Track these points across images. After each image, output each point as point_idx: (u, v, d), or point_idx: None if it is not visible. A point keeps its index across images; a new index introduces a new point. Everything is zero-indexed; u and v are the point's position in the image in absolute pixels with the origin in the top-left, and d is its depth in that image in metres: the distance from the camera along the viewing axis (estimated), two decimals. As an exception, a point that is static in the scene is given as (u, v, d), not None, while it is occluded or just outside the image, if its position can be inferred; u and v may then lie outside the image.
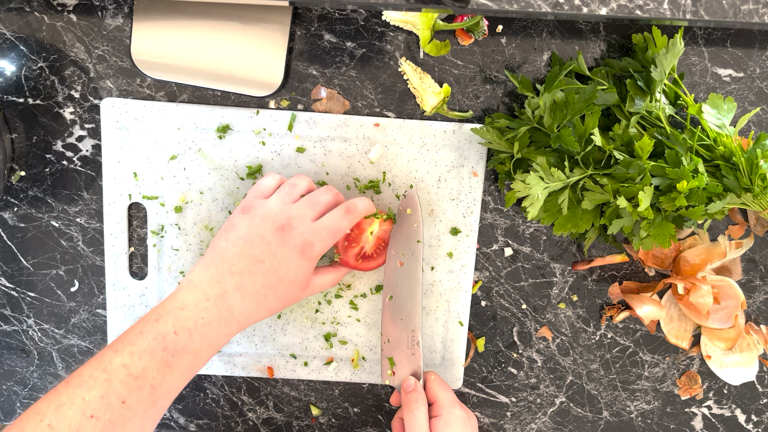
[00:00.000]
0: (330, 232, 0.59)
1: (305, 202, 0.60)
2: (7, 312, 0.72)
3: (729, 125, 0.62)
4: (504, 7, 0.58)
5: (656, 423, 0.75)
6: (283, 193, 0.60)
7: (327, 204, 0.61)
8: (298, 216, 0.58)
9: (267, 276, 0.57)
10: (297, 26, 0.66)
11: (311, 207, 0.59)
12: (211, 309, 0.56)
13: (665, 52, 0.61)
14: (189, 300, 0.56)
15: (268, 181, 0.62)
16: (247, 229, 0.58)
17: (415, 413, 0.63)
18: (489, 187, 0.70)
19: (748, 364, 0.72)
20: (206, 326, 0.55)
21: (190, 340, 0.55)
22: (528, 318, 0.73)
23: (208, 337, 0.56)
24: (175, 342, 0.54)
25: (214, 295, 0.56)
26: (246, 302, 0.57)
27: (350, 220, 0.61)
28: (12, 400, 0.74)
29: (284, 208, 0.59)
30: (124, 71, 0.67)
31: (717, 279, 0.70)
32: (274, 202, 0.59)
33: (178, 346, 0.54)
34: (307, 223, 0.58)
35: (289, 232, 0.57)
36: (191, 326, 0.55)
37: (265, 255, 0.57)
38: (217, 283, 0.56)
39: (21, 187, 0.69)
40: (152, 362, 0.53)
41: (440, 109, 0.64)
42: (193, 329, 0.55)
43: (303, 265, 0.58)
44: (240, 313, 0.57)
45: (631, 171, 0.60)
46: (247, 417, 0.75)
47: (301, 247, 0.58)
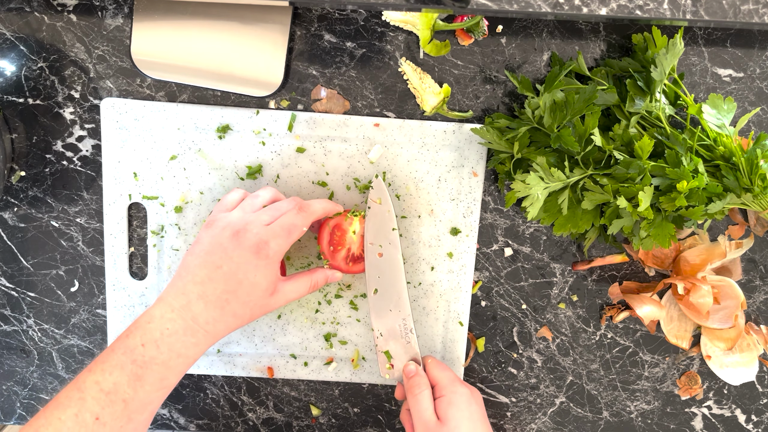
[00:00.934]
0: (284, 229, 0.59)
1: (265, 210, 0.60)
2: (7, 312, 0.72)
3: (729, 125, 0.62)
4: (504, 7, 0.58)
5: (656, 423, 0.75)
6: (245, 204, 0.61)
7: (286, 209, 0.61)
8: (254, 220, 0.59)
9: (226, 280, 0.57)
10: (297, 26, 0.66)
11: (269, 213, 0.60)
12: (176, 319, 0.56)
13: (665, 52, 0.61)
14: (155, 313, 0.57)
15: (232, 196, 0.63)
16: (209, 240, 0.59)
17: (419, 397, 0.63)
18: (489, 187, 0.70)
19: (748, 364, 0.72)
20: (172, 336, 0.56)
21: (158, 351, 0.56)
22: (528, 318, 0.73)
23: (176, 347, 0.56)
24: (143, 354, 0.55)
25: (179, 305, 0.57)
26: (209, 309, 0.57)
27: (304, 217, 0.60)
28: (12, 400, 0.74)
29: (243, 216, 0.60)
30: (124, 71, 0.67)
31: (717, 279, 0.70)
32: (236, 213, 0.60)
33: (146, 357, 0.55)
34: (261, 225, 0.59)
35: (244, 235, 0.58)
36: (158, 337, 0.56)
37: (223, 260, 0.57)
38: (182, 294, 0.57)
39: (21, 187, 0.69)
40: (122, 376, 0.54)
41: (440, 109, 0.64)
42: (160, 340, 0.56)
43: (261, 266, 0.58)
44: (205, 320, 0.57)
45: (631, 171, 0.60)
46: (247, 417, 0.75)
47: (255, 248, 0.58)
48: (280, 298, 0.61)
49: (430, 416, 0.62)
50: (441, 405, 0.63)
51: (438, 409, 0.63)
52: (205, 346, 0.58)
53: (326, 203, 0.64)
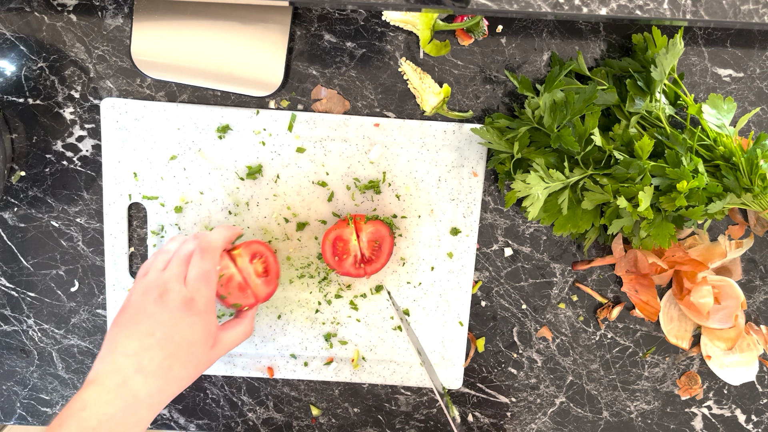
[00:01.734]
0: (202, 280, 0.57)
1: (174, 262, 0.58)
2: (7, 312, 0.72)
3: (729, 125, 0.62)
4: (504, 7, 0.58)
5: (656, 423, 0.75)
6: (157, 262, 0.59)
7: (192, 253, 0.59)
8: (171, 278, 0.57)
9: (163, 346, 0.54)
10: (297, 26, 0.66)
11: (180, 264, 0.58)
12: (112, 401, 0.52)
13: (665, 52, 0.61)
14: (90, 398, 0.52)
15: (149, 260, 0.61)
16: (133, 308, 0.56)
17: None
18: (489, 187, 0.70)
19: (748, 364, 0.72)
20: (111, 421, 0.51)
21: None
22: (528, 318, 0.73)
23: (116, 430, 0.51)
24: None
25: (114, 385, 0.52)
26: (151, 380, 0.53)
27: (210, 258, 0.58)
28: (12, 400, 0.74)
29: (160, 276, 0.57)
30: (124, 71, 0.67)
31: (717, 279, 0.70)
32: (151, 274, 0.58)
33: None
34: (179, 281, 0.57)
35: (167, 296, 0.56)
36: (95, 425, 0.50)
37: (154, 327, 0.55)
38: (115, 372, 0.53)
39: (21, 187, 0.69)
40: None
41: (440, 109, 0.64)
42: (97, 427, 0.50)
43: (195, 322, 0.56)
44: (147, 394, 0.53)
45: (631, 171, 0.60)
46: (247, 417, 0.75)
47: (183, 306, 0.56)
48: (221, 349, 0.59)
49: None
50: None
51: None
52: (149, 421, 0.54)
53: (222, 231, 0.61)
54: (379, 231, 0.66)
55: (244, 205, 0.69)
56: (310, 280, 0.71)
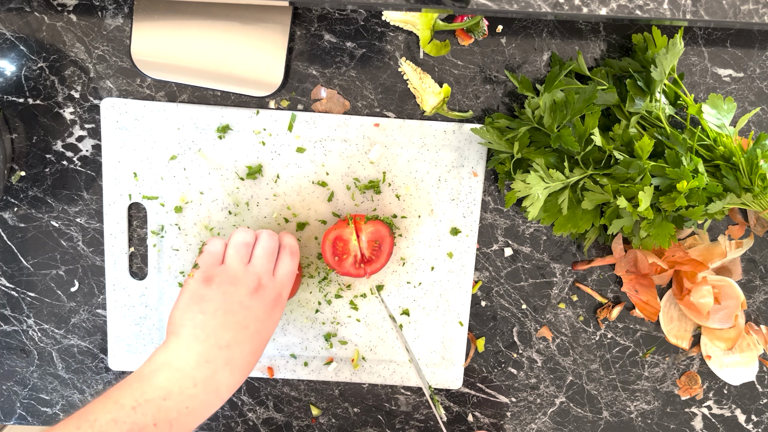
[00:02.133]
0: (290, 278, 0.61)
1: (263, 257, 0.59)
2: (7, 312, 0.72)
3: (729, 125, 0.62)
4: (504, 7, 0.58)
5: (656, 423, 0.75)
6: (238, 256, 0.59)
7: (276, 249, 0.62)
8: (264, 273, 0.59)
9: (252, 340, 0.56)
10: (297, 26, 0.66)
11: (269, 259, 0.60)
12: (198, 395, 0.51)
13: (665, 52, 0.61)
14: (173, 388, 0.51)
15: (215, 246, 0.60)
16: (222, 297, 0.56)
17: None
18: (489, 187, 0.70)
19: (748, 364, 0.72)
20: (190, 415, 0.51)
21: (170, 430, 0.50)
22: (528, 318, 0.73)
23: (188, 425, 0.51)
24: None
25: (203, 377, 0.52)
26: (234, 375, 0.54)
27: (296, 260, 0.62)
28: (12, 400, 0.74)
29: (249, 269, 0.58)
30: (124, 71, 0.67)
31: (717, 279, 0.70)
32: (235, 266, 0.58)
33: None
34: (272, 277, 0.59)
35: (263, 291, 0.57)
36: (173, 417, 0.50)
37: (249, 320, 0.56)
38: (206, 362, 0.52)
39: (21, 187, 0.69)
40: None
41: (440, 109, 0.64)
42: (175, 420, 0.50)
43: (277, 318, 0.60)
44: (227, 389, 0.54)
45: (631, 171, 0.60)
46: (247, 417, 0.75)
47: (274, 302, 0.59)
48: None
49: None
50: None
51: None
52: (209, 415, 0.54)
53: (291, 239, 0.63)
54: (379, 231, 0.66)
55: (244, 205, 0.69)
56: (310, 280, 0.71)
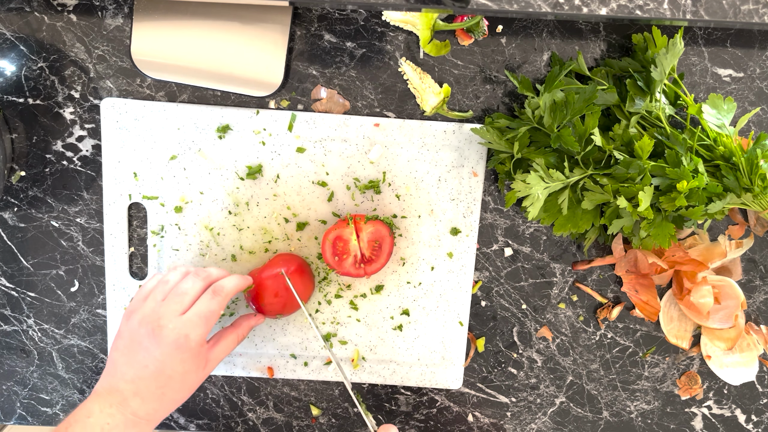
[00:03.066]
0: (201, 318, 0.59)
1: (172, 297, 0.60)
2: (7, 312, 0.72)
3: (729, 125, 0.62)
4: (504, 7, 0.58)
5: (656, 423, 0.75)
6: (156, 292, 0.61)
7: (195, 292, 0.61)
8: (167, 314, 0.59)
9: (156, 378, 0.58)
10: (297, 26, 0.66)
11: (178, 301, 0.60)
12: (115, 414, 0.57)
13: (665, 52, 0.61)
14: (94, 408, 0.57)
15: (150, 284, 0.62)
16: (128, 335, 0.59)
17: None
18: (489, 187, 0.70)
19: (748, 364, 0.72)
20: (114, 430, 0.56)
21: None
22: (528, 318, 0.73)
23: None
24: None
25: (116, 402, 0.57)
26: (147, 403, 0.58)
27: (219, 302, 0.61)
28: (12, 400, 0.74)
29: (155, 308, 0.59)
30: (124, 71, 0.67)
31: (717, 279, 0.70)
32: (149, 304, 0.60)
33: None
34: (175, 318, 0.59)
35: (161, 332, 0.58)
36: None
37: (147, 359, 0.58)
38: (116, 391, 0.58)
39: (21, 187, 0.69)
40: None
41: (440, 109, 0.64)
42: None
43: (186, 358, 0.58)
44: (145, 413, 0.58)
45: (631, 171, 0.60)
46: (247, 417, 0.75)
47: (175, 344, 0.58)
48: (212, 365, 0.62)
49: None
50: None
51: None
52: (150, 430, 0.59)
53: (237, 280, 0.63)
54: (379, 231, 0.66)
55: (244, 205, 0.69)
56: (310, 280, 0.71)
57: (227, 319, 0.71)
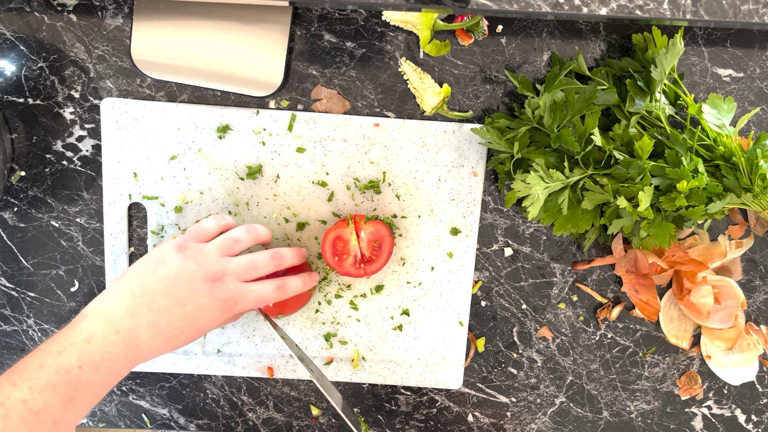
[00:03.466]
0: (257, 299, 0.59)
1: (244, 264, 0.59)
2: (7, 312, 0.72)
3: (729, 125, 0.62)
4: (504, 7, 0.58)
5: (656, 423, 0.75)
6: (223, 245, 0.59)
7: (264, 271, 0.61)
8: (232, 272, 0.58)
9: (185, 319, 0.56)
10: (297, 26, 0.66)
11: (248, 270, 0.59)
12: (119, 343, 0.54)
13: (665, 52, 0.61)
14: (97, 331, 0.54)
15: (210, 224, 0.61)
16: (178, 269, 0.56)
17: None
18: (489, 187, 0.70)
19: (748, 364, 0.72)
20: (113, 359, 0.53)
21: (96, 374, 0.53)
22: (528, 318, 0.73)
23: (114, 370, 0.54)
24: (79, 377, 0.52)
25: (125, 328, 0.54)
26: (156, 339, 0.55)
27: (278, 297, 0.61)
28: (12, 400, 0.74)
29: (221, 261, 0.58)
30: (124, 71, 0.67)
31: (717, 279, 0.70)
32: (213, 251, 0.58)
33: (82, 380, 0.52)
34: (238, 282, 0.58)
35: (219, 286, 0.57)
36: (97, 360, 0.53)
37: (189, 299, 0.56)
38: (131, 316, 0.55)
39: (21, 187, 0.69)
40: (54, 397, 0.51)
41: (440, 109, 0.64)
42: (99, 363, 0.53)
43: (221, 318, 0.58)
44: (148, 348, 0.55)
45: (631, 171, 0.60)
46: (247, 417, 0.75)
47: (225, 302, 0.57)
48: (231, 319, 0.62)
49: None
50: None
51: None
52: (135, 366, 0.57)
53: (301, 282, 0.63)
54: (379, 231, 0.66)
55: (244, 205, 0.69)
56: (310, 280, 0.71)
57: None
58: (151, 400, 0.74)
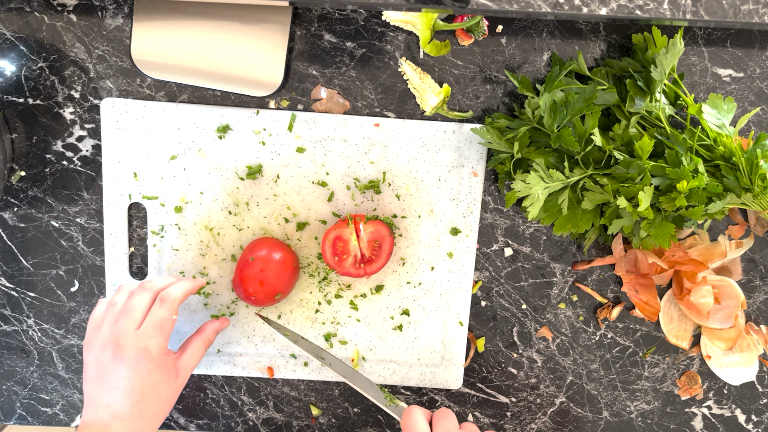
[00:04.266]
0: (155, 328, 0.61)
1: (124, 316, 0.61)
2: (7, 312, 0.72)
3: (729, 125, 0.62)
4: (504, 7, 0.58)
5: (656, 423, 0.75)
6: (108, 316, 0.62)
7: (145, 305, 0.62)
8: (123, 332, 0.60)
9: (129, 396, 0.59)
10: (297, 26, 0.66)
11: (130, 317, 0.61)
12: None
13: (665, 52, 0.61)
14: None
15: (99, 310, 0.64)
16: (94, 363, 0.61)
17: (413, 412, 0.62)
18: (489, 187, 0.70)
19: (748, 364, 0.72)
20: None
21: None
22: (528, 318, 0.73)
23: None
24: None
25: (98, 429, 0.58)
26: (128, 423, 0.59)
27: (169, 308, 0.62)
28: (12, 400, 0.74)
29: (111, 331, 0.61)
30: (124, 71, 0.67)
31: (717, 279, 0.70)
32: (104, 329, 0.62)
33: None
34: (132, 334, 0.60)
35: (121, 352, 0.60)
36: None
37: (116, 381, 0.59)
38: (96, 420, 0.59)
39: (21, 187, 0.69)
40: None
41: (440, 109, 0.64)
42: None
43: (152, 369, 0.60)
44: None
45: (631, 171, 0.60)
46: (247, 417, 0.75)
47: (137, 358, 0.60)
48: (184, 375, 0.64)
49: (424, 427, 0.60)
50: (436, 417, 0.61)
51: (433, 422, 0.61)
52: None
53: (185, 285, 0.64)
54: (379, 231, 0.66)
55: (244, 205, 0.69)
56: (310, 280, 0.71)
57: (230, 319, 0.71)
58: (151, 400, 0.74)
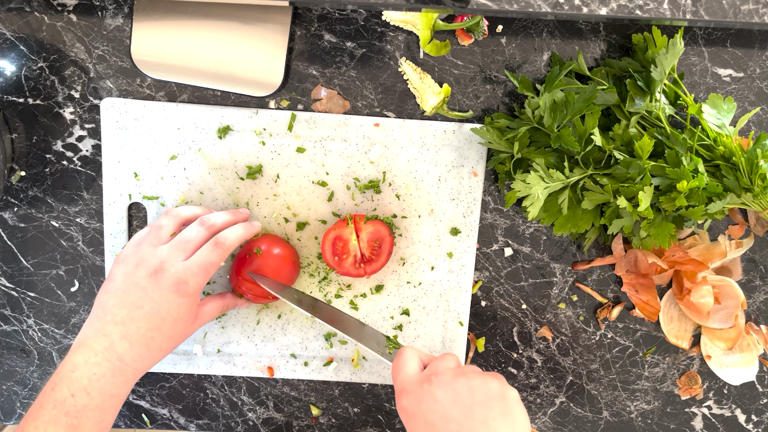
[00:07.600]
0: (201, 268, 0.60)
1: (174, 244, 0.60)
2: (7, 312, 0.72)
3: (729, 125, 0.62)
4: (504, 7, 0.58)
5: (656, 423, 0.75)
6: (151, 238, 0.61)
7: (198, 240, 0.61)
8: (168, 258, 0.59)
9: (149, 319, 0.58)
10: (297, 26, 0.66)
11: (180, 247, 0.60)
12: (101, 362, 0.57)
13: (665, 52, 0.61)
14: (78, 360, 0.57)
15: (144, 231, 0.63)
16: (123, 278, 0.59)
17: (405, 352, 0.60)
18: (489, 187, 0.70)
19: (748, 364, 0.72)
20: (101, 380, 0.56)
21: (89, 397, 0.56)
22: (528, 318, 0.73)
23: (107, 389, 0.57)
24: (74, 404, 0.55)
25: (102, 348, 0.57)
26: (135, 348, 0.58)
27: (220, 254, 0.61)
28: (12, 400, 0.74)
29: (155, 252, 0.60)
30: (124, 71, 0.67)
31: (717, 279, 0.70)
32: (145, 248, 0.60)
33: (78, 407, 0.55)
34: (177, 263, 0.59)
35: (162, 275, 0.58)
36: (86, 384, 0.56)
37: (143, 300, 0.58)
38: (103, 335, 0.57)
39: (21, 187, 0.69)
40: (58, 429, 0.55)
41: (440, 109, 0.64)
42: (89, 386, 0.56)
43: (182, 303, 0.59)
44: (131, 359, 0.58)
45: (631, 171, 0.60)
46: (247, 417, 0.75)
47: (175, 287, 0.58)
48: (199, 323, 0.63)
49: (414, 367, 0.58)
50: (435, 358, 0.58)
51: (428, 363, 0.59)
52: (134, 382, 0.59)
53: (241, 231, 0.63)
54: (378, 231, 0.66)
55: (244, 205, 0.69)
56: (310, 280, 0.71)
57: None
58: (151, 400, 0.74)
